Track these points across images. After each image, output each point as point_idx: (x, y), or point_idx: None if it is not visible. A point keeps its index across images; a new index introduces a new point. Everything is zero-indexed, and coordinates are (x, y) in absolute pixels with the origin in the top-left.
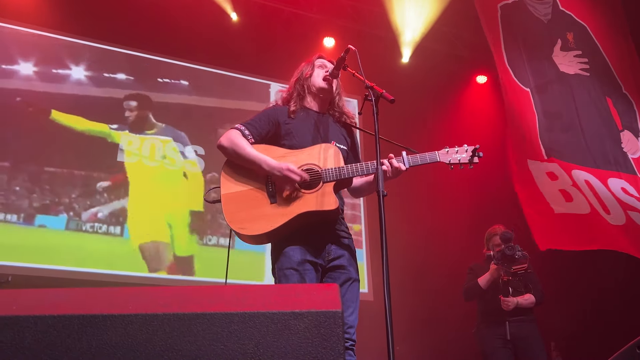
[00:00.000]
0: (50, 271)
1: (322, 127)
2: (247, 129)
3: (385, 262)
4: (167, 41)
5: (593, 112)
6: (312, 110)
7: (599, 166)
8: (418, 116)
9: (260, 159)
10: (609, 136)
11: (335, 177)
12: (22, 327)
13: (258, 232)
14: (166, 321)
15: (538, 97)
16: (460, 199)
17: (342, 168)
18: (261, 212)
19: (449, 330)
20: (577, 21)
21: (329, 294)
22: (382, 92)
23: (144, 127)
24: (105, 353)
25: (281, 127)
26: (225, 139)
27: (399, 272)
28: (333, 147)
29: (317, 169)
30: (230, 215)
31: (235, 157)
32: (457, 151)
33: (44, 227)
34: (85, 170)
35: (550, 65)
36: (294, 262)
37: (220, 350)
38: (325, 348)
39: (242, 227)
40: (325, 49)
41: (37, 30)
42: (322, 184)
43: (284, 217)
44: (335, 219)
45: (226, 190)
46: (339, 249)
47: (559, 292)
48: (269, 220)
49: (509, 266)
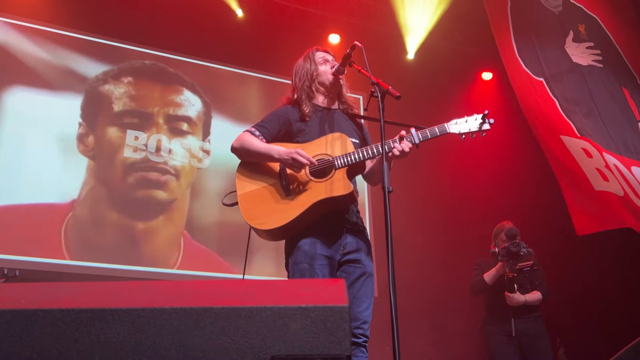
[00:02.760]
0: (58, 266)
1: (335, 123)
2: (257, 130)
3: (390, 258)
4: (171, 37)
5: (610, 102)
6: (322, 106)
7: (621, 153)
8: (423, 113)
9: (269, 148)
10: (628, 125)
11: (346, 163)
12: (30, 321)
13: (275, 226)
14: (174, 315)
15: (554, 85)
16: (467, 194)
17: (352, 153)
18: (276, 206)
19: (454, 326)
20: (587, 13)
21: (336, 288)
22: (388, 88)
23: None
24: (113, 347)
25: (293, 126)
26: (237, 141)
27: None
28: (341, 135)
29: (328, 157)
30: (247, 213)
31: (246, 155)
32: (467, 120)
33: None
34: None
35: (564, 56)
36: (308, 257)
37: (227, 344)
38: (332, 343)
39: (261, 223)
40: (331, 45)
41: (41, 26)
42: (335, 171)
43: (300, 208)
44: (349, 207)
45: (242, 190)
46: (354, 241)
47: (564, 289)
48: (285, 212)
49: (514, 263)
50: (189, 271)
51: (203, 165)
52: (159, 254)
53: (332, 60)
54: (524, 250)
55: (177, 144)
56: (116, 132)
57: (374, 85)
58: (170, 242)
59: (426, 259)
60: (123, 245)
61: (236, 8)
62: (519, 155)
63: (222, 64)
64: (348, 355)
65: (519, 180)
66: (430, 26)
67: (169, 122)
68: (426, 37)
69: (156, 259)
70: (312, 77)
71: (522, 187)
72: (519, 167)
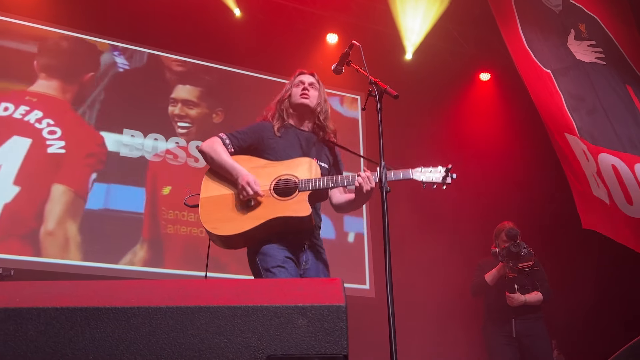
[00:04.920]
0: (53, 265)
1: (305, 145)
2: (228, 139)
3: (387, 259)
4: (169, 36)
5: (614, 98)
6: (295, 127)
7: (626, 150)
8: (421, 113)
9: (232, 166)
10: (633, 122)
11: (311, 187)
12: (24, 319)
13: (228, 233)
14: (169, 314)
15: (560, 79)
16: (467, 194)
17: (319, 179)
18: (234, 215)
19: (455, 326)
20: (587, 13)
21: (333, 288)
22: (386, 87)
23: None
24: (107, 346)
25: (264, 142)
26: (206, 145)
27: (401, 268)
28: (311, 161)
29: (294, 179)
30: (204, 216)
31: (210, 161)
32: (431, 171)
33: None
34: None
35: (567, 52)
36: (278, 260)
37: (223, 343)
38: (328, 342)
39: (215, 227)
40: (329, 45)
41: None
42: (298, 193)
43: (256, 221)
44: (309, 229)
45: (205, 194)
46: (314, 260)
47: (561, 289)
48: (241, 222)
49: (514, 263)
50: (185, 271)
51: (200, 165)
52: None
53: (309, 83)
54: (525, 250)
55: (172, 142)
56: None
57: (372, 85)
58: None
59: (426, 259)
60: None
61: (234, 7)
62: (518, 155)
63: (219, 62)
64: (345, 355)
65: (519, 180)
66: (429, 26)
67: (164, 120)
68: (424, 37)
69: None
70: (284, 97)
71: (521, 187)
72: (519, 167)
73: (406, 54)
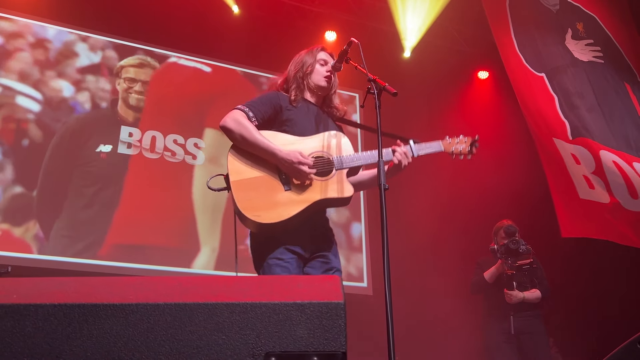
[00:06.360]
0: (50, 262)
1: (322, 120)
2: (250, 111)
3: (386, 256)
4: (166, 33)
5: (613, 97)
6: (311, 102)
7: (622, 149)
8: (419, 111)
9: (271, 148)
10: (630, 121)
11: (348, 165)
12: (22, 316)
13: (273, 221)
14: (167, 311)
15: (555, 79)
16: (464, 193)
17: (354, 156)
18: (276, 199)
19: (455, 327)
20: (585, 12)
21: (331, 285)
22: (384, 85)
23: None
24: (105, 342)
25: (283, 113)
26: (231, 121)
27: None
28: (338, 135)
29: (326, 156)
30: (243, 202)
31: (241, 142)
32: (458, 141)
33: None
34: None
35: (565, 51)
36: (277, 252)
37: (221, 340)
38: (327, 339)
39: (257, 215)
40: (327, 42)
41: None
42: (335, 172)
43: (301, 205)
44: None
45: (237, 176)
46: (324, 241)
47: (557, 287)
48: (285, 208)
49: (513, 260)
50: (183, 269)
51: (198, 162)
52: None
53: (332, 62)
54: (523, 247)
55: (170, 140)
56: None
57: (370, 82)
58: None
59: (426, 259)
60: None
61: (232, 4)
62: (517, 154)
63: (218, 60)
64: (343, 352)
65: (518, 179)
66: (427, 25)
67: (162, 117)
68: (423, 36)
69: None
70: (307, 71)
71: (520, 187)
72: (518, 167)
73: (404, 51)
